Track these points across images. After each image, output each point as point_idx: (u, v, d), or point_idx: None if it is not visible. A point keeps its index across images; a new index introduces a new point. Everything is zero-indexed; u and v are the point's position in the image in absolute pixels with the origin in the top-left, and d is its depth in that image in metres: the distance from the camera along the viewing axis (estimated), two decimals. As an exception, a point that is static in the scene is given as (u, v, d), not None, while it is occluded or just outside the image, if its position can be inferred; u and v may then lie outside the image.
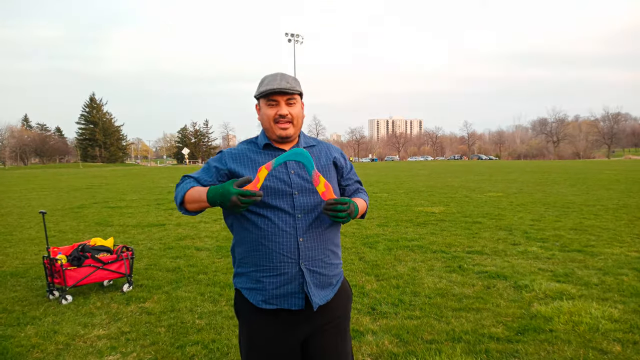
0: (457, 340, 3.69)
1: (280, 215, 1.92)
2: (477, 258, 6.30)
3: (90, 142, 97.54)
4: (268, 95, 1.96)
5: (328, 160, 2.09)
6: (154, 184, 23.55)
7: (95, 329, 4.07)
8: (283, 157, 1.82)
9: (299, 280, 1.91)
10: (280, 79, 1.96)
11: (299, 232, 1.91)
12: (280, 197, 1.93)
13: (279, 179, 1.94)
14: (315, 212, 1.95)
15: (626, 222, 9.03)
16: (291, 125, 1.98)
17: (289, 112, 1.96)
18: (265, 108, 1.99)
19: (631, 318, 4.05)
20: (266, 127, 2.02)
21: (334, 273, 2.03)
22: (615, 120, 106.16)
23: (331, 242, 2.02)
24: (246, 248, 1.98)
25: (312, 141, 2.15)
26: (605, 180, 20.92)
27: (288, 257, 1.90)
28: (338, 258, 2.09)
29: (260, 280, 1.93)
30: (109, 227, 9.55)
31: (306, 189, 1.95)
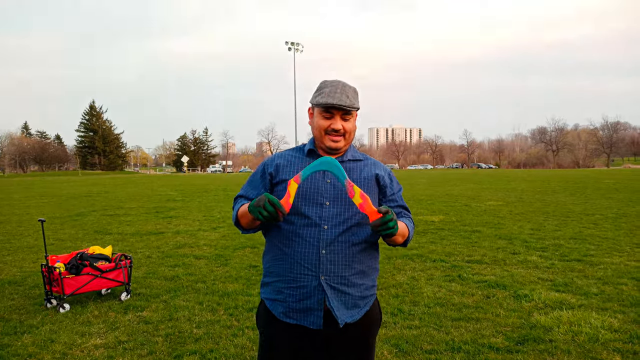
0: (457, 350, 3.68)
1: (305, 224, 1.85)
2: (476, 267, 6.29)
3: (89, 150, 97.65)
4: (325, 107, 1.89)
5: (370, 175, 1.98)
6: (153, 192, 23.55)
7: (93, 338, 4.04)
8: (310, 168, 1.74)
9: (319, 296, 1.82)
10: (341, 91, 1.88)
11: (322, 244, 1.83)
12: (310, 204, 1.86)
13: (314, 186, 1.89)
14: (345, 225, 1.86)
15: (626, 232, 9.02)
16: (342, 139, 1.92)
17: (343, 126, 1.90)
18: (319, 118, 1.92)
19: (631, 328, 4.03)
20: (316, 135, 1.96)
21: (362, 295, 1.91)
22: (614, 129, 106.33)
23: (360, 260, 1.90)
24: (272, 256, 1.94)
25: (360, 156, 2.06)
26: (604, 189, 20.92)
27: (307, 268, 1.83)
28: (369, 279, 1.95)
29: (282, 292, 1.88)
30: (107, 235, 9.53)
31: (339, 199, 1.87)
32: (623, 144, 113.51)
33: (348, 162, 1.99)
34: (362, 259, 1.90)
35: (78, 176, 61.60)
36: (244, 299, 5.01)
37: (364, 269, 1.91)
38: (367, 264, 1.93)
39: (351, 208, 1.86)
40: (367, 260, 1.93)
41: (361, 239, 1.88)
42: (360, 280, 1.90)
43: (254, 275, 6.01)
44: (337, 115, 1.89)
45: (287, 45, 65.58)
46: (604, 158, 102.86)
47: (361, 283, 1.90)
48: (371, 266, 1.96)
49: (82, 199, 19.01)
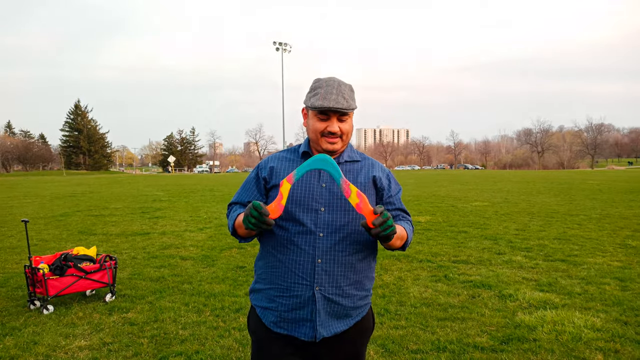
0: (442, 350, 3.70)
1: (300, 231, 1.77)
2: (462, 267, 6.34)
3: (74, 150, 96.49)
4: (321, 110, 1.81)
5: (367, 178, 1.90)
6: (138, 192, 23.34)
7: (77, 340, 4.00)
8: (304, 167, 1.65)
9: (312, 307, 1.75)
10: (337, 93, 1.79)
11: (317, 252, 1.75)
12: (305, 211, 1.78)
13: (308, 190, 1.80)
14: (341, 232, 1.77)
15: (609, 232, 9.15)
16: (340, 140, 1.84)
17: (340, 128, 1.82)
18: (314, 120, 1.84)
19: (613, 327, 4.09)
20: (312, 138, 1.87)
21: (355, 305, 1.84)
22: (598, 131, 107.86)
23: (357, 270, 1.82)
24: (265, 263, 1.87)
25: (358, 156, 1.97)
26: (588, 190, 21.20)
27: (302, 277, 1.75)
28: (364, 290, 1.87)
29: (274, 300, 1.81)
30: (92, 236, 9.43)
31: (335, 205, 1.78)
32: (607, 145, 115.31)
33: (345, 163, 1.91)
34: (359, 268, 1.83)
35: (62, 176, 60.87)
36: (231, 300, 4.99)
37: (360, 278, 1.84)
38: (363, 274, 1.85)
39: (348, 214, 1.78)
40: (364, 270, 1.86)
41: (359, 248, 1.81)
42: (356, 290, 1.83)
43: (240, 276, 5.99)
44: (333, 117, 1.80)
45: (275, 46, 65.43)
46: (588, 159, 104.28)
47: (356, 294, 1.83)
48: (368, 275, 1.89)
49: (67, 199, 18.78)
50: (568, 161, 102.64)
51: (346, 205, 1.78)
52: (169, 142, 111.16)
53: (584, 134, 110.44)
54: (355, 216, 1.78)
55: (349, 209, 1.78)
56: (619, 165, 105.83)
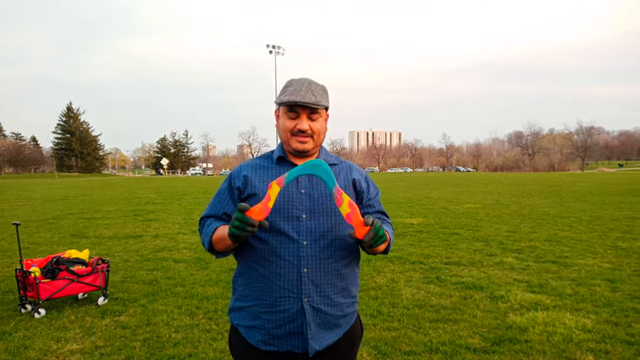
0: (435, 352, 3.72)
1: (282, 241, 1.69)
2: (454, 269, 6.37)
3: (66, 152, 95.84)
4: (289, 105, 1.75)
5: (347, 182, 1.84)
6: (131, 194, 23.24)
7: (69, 344, 3.98)
8: (297, 170, 1.58)
9: (301, 320, 1.68)
10: (306, 89, 1.74)
11: (302, 262, 1.68)
12: (285, 219, 1.70)
13: (287, 198, 1.72)
14: (325, 239, 1.71)
15: (599, 234, 9.23)
16: (311, 140, 1.78)
17: (310, 126, 1.76)
18: (284, 118, 1.78)
19: (603, 328, 4.13)
20: (283, 138, 1.81)
21: (343, 314, 1.78)
22: (588, 134, 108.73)
23: (343, 276, 1.76)
24: (246, 278, 1.77)
25: (334, 159, 1.90)
26: (579, 192, 21.38)
27: (288, 290, 1.67)
28: (351, 297, 1.82)
29: (260, 317, 1.72)
30: (84, 239, 9.37)
31: (317, 211, 1.72)
32: (597, 148, 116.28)
33: None
34: (345, 275, 1.77)
35: (54, 179, 60.44)
36: (224, 303, 4.99)
37: (346, 285, 1.79)
38: (349, 280, 1.80)
39: (331, 219, 1.72)
40: (350, 276, 1.80)
41: (344, 254, 1.76)
42: (343, 298, 1.77)
43: (233, 278, 5.99)
44: (303, 114, 1.75)
45: (268, 49, 65.43)
46: (579, 162, 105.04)
47: (343, 301, 1.77)
48: (353, 282, 1.84)
49: (59, 202, 18.66)
50: (558, 164, 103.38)
51: (328, 210, 1.72)
52: (162, 145, 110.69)
53: (574, 136, 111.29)
54: (337, 221, 1.73)
55: (331, 214, 1.72)
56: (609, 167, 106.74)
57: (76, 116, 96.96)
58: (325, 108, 1.81)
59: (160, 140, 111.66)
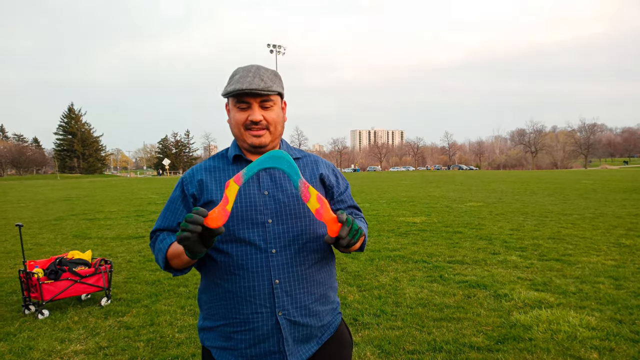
0: (438, 350, 3.71)
1: (248, 252, 1.51)
2: (457, 268, 6.36)
3: (68, 153, 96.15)
4: (238, 95, 1.55)
5: (313, 177, 1.66)
6: (133, 195, 23.27)
7: (73, 344, 3.98)
8: (256, 165, 1.39)
9: (277, 337, 1.52)
10: (253, 75, 1.55)
11: (273, 273, 1.51)
12: (249, 226, 1.52)
13: (248, 201, 1.54)
14: (295, 244, 1.54)
15: (603, 231, 9.20)
16: (267, 132, 1.58)
17: (263, 116, 1.56)
18: (234, 111, 1.59)
19: (607, 326, 4.12)
20: (235, 134, 1.62)
21: (323, 323, 1.62)
22: (591, 131, 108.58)
23: (319, 282, 1.60)
24: (211, 296, 1.59)
25: (297, 153, 1.73)
26: (582, 189, 21.32)
27: (260, 305, 1.50)
28: (330, 302, 1.66)
29: (231, 337, 1.54)
30: (87, 240, 9.39)
31: (283, 214, 1.54)
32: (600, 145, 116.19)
33: None
34: (321, 280, 1.61)
35: (57, 180, 60.57)
36: (227, 303, 4.98)
37: (324, 291, 1.63)
38: (327, 285, 1.65)
39: (300, 221, 1.56)
40: (327, 281, 1.64)
41: (317, 257, 1.59)
42: (322, 305, 1.61)
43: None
44: (254, 103, 1.55)
45: (269, 48, 65.44)
46: (582, 159, 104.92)
47: (322, 309, 1.61)
48: (331, 286, 1.68)
49: (61, 203, 18.70)
50: (561, 161, 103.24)
51: (296, 211, 1.56)
52: (164, 145, 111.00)
53: (577, 134, 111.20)
54: (308, 222, 1.57)
55: (300, 216, 1.56)
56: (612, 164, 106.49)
57: (78, 117, 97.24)
58: (279, 95, 1.61)
59: (161, 141, 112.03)
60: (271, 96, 1.57)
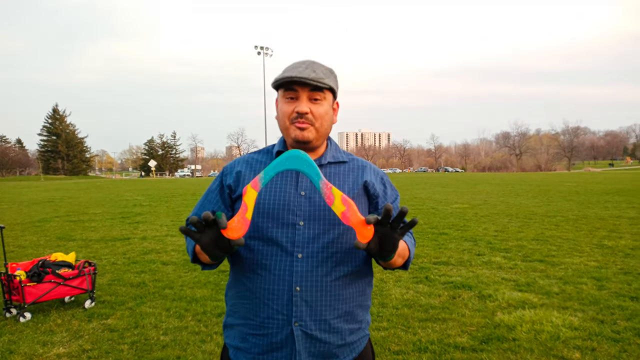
0: (424, 351, 3.74)
1: (273, 252, 1.43)
2: (443, 269, 6.40)
3: (52, 154, 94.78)
4: (286, 84, 1.47)
5: (356, 185, 1.53)
6: (118, 197, 23.04)
7: (55, 347, 3.93)
8: (272, 167, 1.31)
9: (290, 348, 1.42)
10: (306, 66, 1.47)
11: (295, 279, 1.40)
12: (279, 225, 1.44)
13: (282, 199, 1.46)
14: (325, 252, 1.43)
15: (585, 233, 9.33)
16: (312, 127, 1.47)
17: (310, 109, 1.46)
18: (282, 102, 1.50)
19: (590, 326, 4.18)
20: (281, 127, 1.53)
21: (344, 342, 1.47)
22: (575, 134, 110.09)
23: (346, 298, 1.47)
24: (235, 292, 1.53)
25: (344, 156, 1.60)
26: (565, 191, 21.61)
27: (277, 311, 1.41)
28: (356, 322, 1.51)
29: (246, 339, 1.48)
30: (71, 242, 9.27)
31: (317, 218, 1.44)
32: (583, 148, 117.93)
33: (328, 165, 1.56)
34: (349, 296, 1.48)
35: (40, 181, 59.74)
36: (213, 304, 4.96)
37: (351, 308, 1.48)
38: (356, 302, 1.50)
39: (335, 229, 1.44)
40: (356, 297, 1.50)
41: (348, 270, 1.47)
42: (346, 323, 1.47)
43: (223, 280, 5.96)
44: (302, 95, 1.46)
45: (256, 50, 65.32)
46: (565, 162, 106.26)
47: (346, 327, 1.47)
48: (362, 304, 1.53)
49: (45, 205, 18.44)
50: (545, 164, 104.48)
51: (332, 217, 1.44)
52: (150, 147, 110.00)
53: (561, 136, 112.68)
54: (344, 231, 1.45)
55: (335, 222, 1.44)
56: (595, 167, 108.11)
57: (62, 118, 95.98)
58: (331, 90, 1.52)
59: (147, 142, 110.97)
60: (323, 90, 1.48)
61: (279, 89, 1.51)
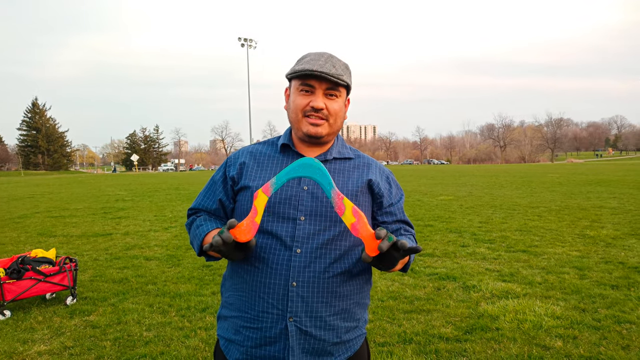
0: (409, 342, 3.75)
1: (272, 246, 1.42)
2: (428, 260, 6.43)
3: (32, 149, 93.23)
4: (303, 77, 1.45)
5: (360, 182, 1.52)
6: (100, 192, 22.76)
7: (36, 345, 3.86)
8: (285, 174, 1.31)
9: (284, 343, 1.40)
10: (325, 60, 1.45)
11: (292, 274, 1.40)
12: (279, 220, 1.43)
13: (285, 194, 1.45)
14: (324, 249, 1.42)
15: (568, 223, 9.45)
16: (326, 123, 1.47)
17: (326, 105, 1.45)
18: (296, 94, 1.48)
19: (572, 315, 4.23)
20: (292, 119, 1.51)
21: (339, 340, 1.46)
22: (558, 126, 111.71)
23: (343, 295, 1.46)
24: (232, 284, 1.52)
25: (350, 152, 1.60)
26: (548, 182, 21.88)
27: (272, 305, 1.41)
28: (353, 320, 1.50)
29: (240, 331, 1.46)
30: (52, 238, 9.13)
31: (319, 214, 1.43)
32: (566, 139, 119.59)
33: (333, 161, 1.55)
34: (346, 293, 1.46)
35: (20, 177, 58.77)
36: (197, 300, 4.92)
37: (348, 306, 1.47)
38: (353, 300, 1.49)
39: (336, 225, 1.44)
40: (354, 295, 1.49)
41: (347, 268, 1.45)
42: (343, 321, 1.47)
43: (207, 275, 5.91)
44: (319, 89, 1.45)
45: (240, 42, 64.79)
46: (548, 153, 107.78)
47: (342, 325, 1.46)
48: (359, 302, 1.52)
49: (25, 201, 18.13)
50: (529, 155, 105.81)
51: (334, 214, 1.44)
52: (132, 141, 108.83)
53: (544, 128, 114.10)
54: (345, 228, 1.44)
55: (337, 219, 1.44)
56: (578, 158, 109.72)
57: (42, 112, 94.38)
58: (346, 88, 1.51)
59: (130, 136, 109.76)
60: (339, 88, 1.48)
61: (294, 80, 1.49)
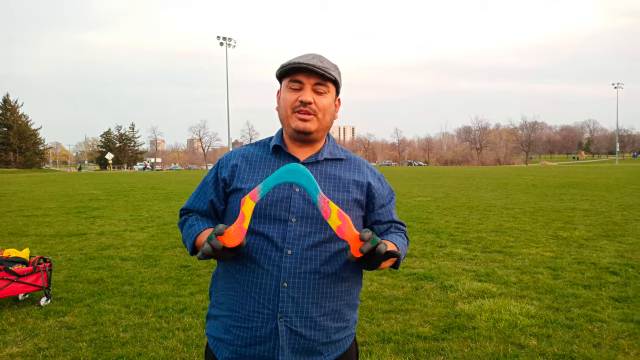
0: (387, 341, 3.78)
1: (263, 247, 1.43)
2: (406, 261, 6.49)
3: (3, 147, 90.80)
4: (291, 72, 1.47)
5: (351, 183, 1.54)
6: (74, 191, 22.32)
7: (8, 347, 3.77)
8: (272, 179, 1.33)
9: (274, 342, 1.42)
10: (313, 56, 1.49)
11: (283, 274, 1.41)
12: (270, 221, 1.44)
13: (276, 195, 1.46)
14: (315, 249, 1.44)
15: (542, 224, 9.65)
16: (314, 118, 1.48)
17: (314, 100, 1.47)
18: (285, 92, 1.50)
19: (546, 314, 4.33)
20: (282, 117, 1.52)
21: (328, 340, 1.48)
22: (532, 129, 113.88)
23: (333, 296, 1.48)
24: (223, 283, 1.53)
25: (341, 153, 1.61)
26: (523, 185, 22.30)
27: (262, 305, 1.42)
28: (343, 320, 1.52)
29: (230, 331, 1.47)
30: (24, 238, 8.92)
31: (310, 216, 1.45)
32: (540, 142, 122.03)
33: (324, 162, 1.56)
34: (336, 294, 1.48)
35: (-9, 175, 57.21)
36: (175, 300, 4.87)
37: (338, 307, 1.49)
38: (343, 300, 1.51)
39: (325, 228, 1.46)
40: (344, 296, 1.51)
41: (336, 269, 1.47)
42: (333, 322, 1.48)
43: (185, 275, 5.86)
44: (307, 84, 1.46)
45: (219, 40, 64.33)
46: (523, 156, 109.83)
47: (332, 325, 1.48)
48: (349, 303, 1.54)
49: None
50: (504, 157, 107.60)
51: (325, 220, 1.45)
52: (107, 139, 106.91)
53: (519, 131, 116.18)
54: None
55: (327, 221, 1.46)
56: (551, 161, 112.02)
57: (14, 109, 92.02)
58: (335, 85, 1.53)
59: (104, 134, 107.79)
60: (328, 83, 1.50)
61: (283, 79, 1.52)
